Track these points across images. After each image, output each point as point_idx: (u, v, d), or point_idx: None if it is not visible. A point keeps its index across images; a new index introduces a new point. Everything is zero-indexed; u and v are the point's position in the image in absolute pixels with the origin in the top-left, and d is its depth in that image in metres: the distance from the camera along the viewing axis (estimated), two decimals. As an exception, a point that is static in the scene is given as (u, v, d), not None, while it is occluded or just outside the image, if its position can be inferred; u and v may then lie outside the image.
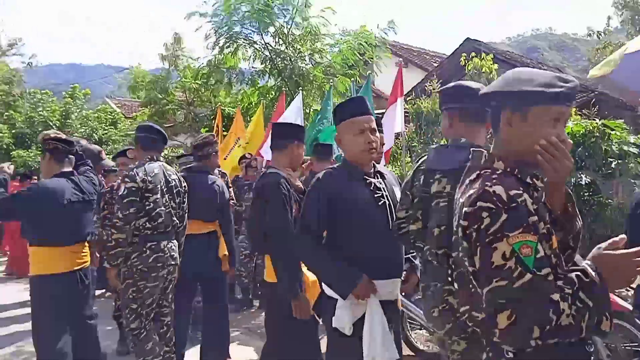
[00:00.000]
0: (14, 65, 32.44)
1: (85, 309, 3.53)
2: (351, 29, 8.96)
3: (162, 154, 3.79)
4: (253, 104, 9.98)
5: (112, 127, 16.65)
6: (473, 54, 7.98)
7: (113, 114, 18.00)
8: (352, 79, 6.89)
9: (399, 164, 7.05)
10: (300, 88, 7.28)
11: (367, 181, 2.42)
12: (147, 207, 3.35)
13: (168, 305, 3.58)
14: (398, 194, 2.48)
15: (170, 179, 3.55)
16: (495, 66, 7.69)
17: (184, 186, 3.70)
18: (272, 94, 9.00)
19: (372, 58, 9.29)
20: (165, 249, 3.43)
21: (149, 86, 11.11)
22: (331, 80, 7.35)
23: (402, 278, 2.48)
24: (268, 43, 8.39)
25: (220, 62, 8.81)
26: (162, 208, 3.41)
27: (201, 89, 10.94)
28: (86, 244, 3.52)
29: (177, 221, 3.59)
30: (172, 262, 3.49)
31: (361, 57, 8.62)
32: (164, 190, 3.47)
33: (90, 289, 3.60)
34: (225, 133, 8.37)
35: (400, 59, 17.13)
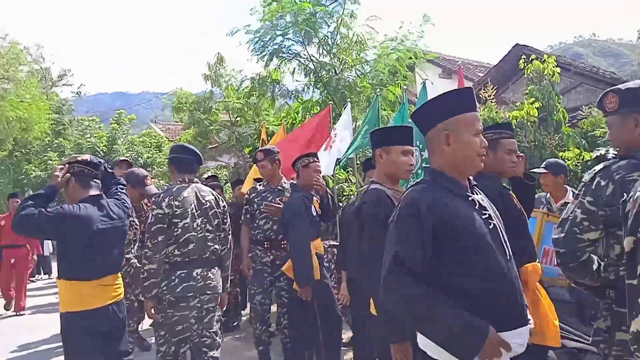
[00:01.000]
0: (64, 94, 33.70)
1: (120, 345, 3.18)
2: (393, 35, 8.52)
3: (208, 174, 3.53)
4: (297, 120, 9.69)
5: (157, 150, 16.78)
6: (533, 56, 7.45)
7: (157, 138, 18.22)
8: (405, 87, 6.47)
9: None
10: (348, 100, 6.89)
11: (470, 199, 1.86)
12: (176, 234, 3.22)
13: (210, 336, 3.34)
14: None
15: (204, 201, 3.38)
16: (558, 69, 7.12)
17: (223, 206, 3.54)
18: (317, 109, 8.68)
19: (412, 69, 8.85)
20: (199, 276, 3.26)
21: (192, 107, 11.01)
22: (378, 90, 6.94)
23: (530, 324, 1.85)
24: (312, 55, 8.09)
25: (264, 78, 8.56)
26: (193, 233, 3.26)
27: (244, 108, 10.76)
28: (119, 275, 3.20)
29: (216, 246, 3.39)
30: (209, 292, 3.30)
31: (406, 65, 8.18)
32: (196, 214, 3.30)
33: (125, 323, 3.26)
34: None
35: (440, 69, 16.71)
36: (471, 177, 1.96)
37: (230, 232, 3.60)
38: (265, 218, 4.30)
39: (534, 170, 4.58)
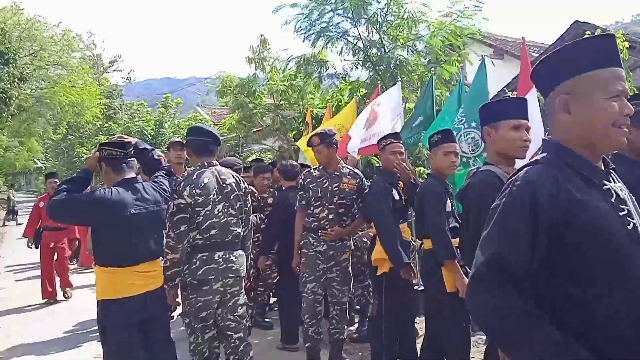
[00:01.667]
0: (114, 80, 34.67)
1: (160, 334, 2.98)
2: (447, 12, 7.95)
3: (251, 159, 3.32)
4: (343, 102, 9.36)
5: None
6: (599, 30, 6.83)
7: (204, 121, 18.31)
8: (461, 64, 6.01)
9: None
10: (399, 79, 6.49)
11: (606, 187, 1.36)
12: (197, 221, 3.13)
13: (235, 319, 3.22)
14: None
15: (225, 184, 3.27)
16: (627, 44, 6.47)
17: (244, 187, 3.43)
18: (362, 91, 8.31)
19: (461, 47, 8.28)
20: (220, 259, 3.16)
21: (236, 90, 10.84)
22: (433, 69, 6.50)
23: None
24: (361, 33, 7.71)
25: (309, 59, 8.26)
26: (215, 220, 3.17)
27: (288, 91, 10.51)
28: (158, 261, 2.98)
29: (239, 230, 3.30)
30: (231, 275, 3.20)
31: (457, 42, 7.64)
32: (217, 199, 3.20)
33: (166, 311, 3.06)
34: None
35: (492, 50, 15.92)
36: (607, 159, 1.45)
37: (250, 213, 3.55)
38: (321, 206, 3.97)
39: None
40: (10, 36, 17.64)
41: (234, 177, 3.39)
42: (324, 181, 4.00)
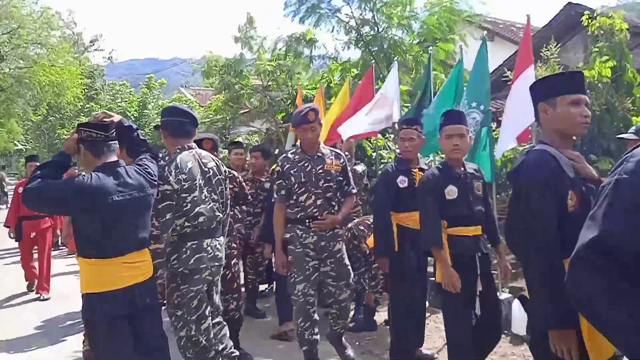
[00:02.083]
0: (96, 60, 33.82)
1: (151, 329, 2.77)
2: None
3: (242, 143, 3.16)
4: (333, 83, 9.14)
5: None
6: (598, 11, 6.68)
7: (188, 103, 17.95)
8: (460, 43, 5.80)
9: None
10: (395, 59, 6.27)
11: None
12: (185, 208, 3.03)
13: (213, 309, 3.24)
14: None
15: (206, 168, 3.19)
16: (626, 25, 6.33)
17: (225, 171, 3.40)
18: (353, 72, 8.09)
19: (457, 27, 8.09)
20: (209, 247, 3.11)
21: (222, 70, 10.52)
22: (430, 48, 6.29)
23: None
24: (354, 11, 7.46)
25: (299, 37, 8.00)
26: (203, 205, 3.09)
27: (277, 71, 10.23)
28: (146, 251, 2.76)
29: (221, 215, 3.26)
30: (216, 263, 3.17)
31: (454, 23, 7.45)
32: (202, 184, 3.12)
33: (157, 304, 2.84)
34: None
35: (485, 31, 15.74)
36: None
37: (229, 198, 3.48)
38: (307, 192, 3.53)
39: (622, 135, 3.98)
40: (-14, 13, 16.97)
41: (213, 160, 3.32)
42: (306, 164, 3.54)
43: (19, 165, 37.27)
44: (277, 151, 11.80)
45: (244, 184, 4.30)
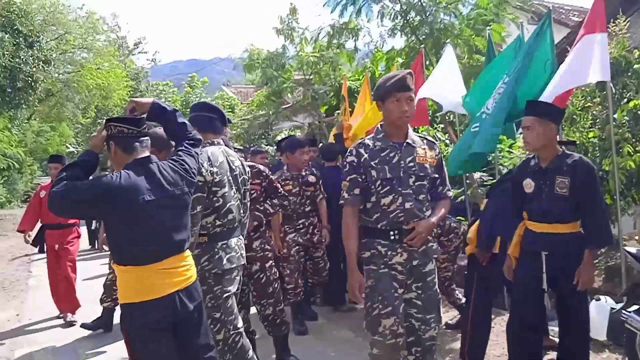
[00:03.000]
0: (140, 62, 34.52)
1: (197, 338, 2.54)
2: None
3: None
4: (377, 75, 8.76)
5: (230, 111, 16.55)
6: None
7: (230, 100, 17.97)
8: (520, 21, 5.32)
9: (578, 129, 5.38)
10: (448, 42, 5.83)
11: None
12: (217, 204, 2.93)
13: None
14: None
15: (234, 166, 3.10)
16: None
17: (248, 172, 3.29)
18: (401, 59, 7.67)
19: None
20: (236, 246, 3.04)
21: (264, 64, 10.29)
22: (488, 29, 5.84)
23: None
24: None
25: (342, 27, 7.66)
26: (232, 202, 3.02)
27: (319, 63, 9.91)
28: (186, 254, 2.53)
29: (243, 214, 3.17)
30: (242, 262, 3.10)
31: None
32: (231, 180, 3.04)
33: (202, 312, 2.60)
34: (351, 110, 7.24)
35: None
36: None
37: (249, 201, 3.33)
38: (393, 193, 2.68)
39: None
40: (34, 19, 17.46)
41: (239, 159, 3.25)
42: (392, 155, 2.67)
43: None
44: (320, 145, 11.55)
45: (271, 176, 4.03)
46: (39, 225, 5.75)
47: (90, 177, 2.46)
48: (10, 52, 14.72)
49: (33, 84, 16.29)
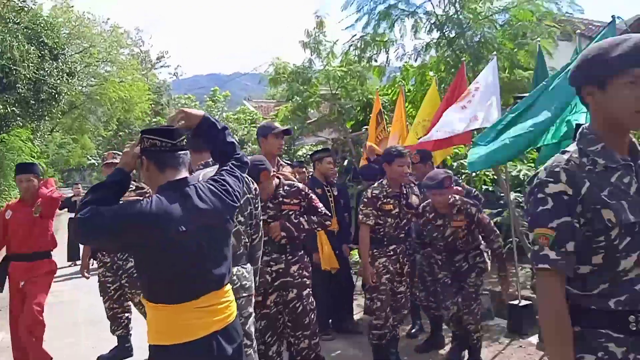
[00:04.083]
0: (162, 76, 34.85)
1: None
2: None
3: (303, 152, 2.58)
4: (406, 89, 8.46)
5: (252, 125, 16.39)
6: None
7: (252, 114, 17.84)
8: (578, 30, 4.97)
9: None
10: (495, 54, 5.51)
11: None
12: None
13: (250, 345, 2.76)
14: None
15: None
16: None
17: (255, 189, 2.96)
18: (432, 73, 7.36)
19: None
20: (234, 277, 2.69)
21: (290, 78, 10.06)
22: (537, 38, 5.52)
23: None
24: (435, 8, 6.77)
25: (373, 39, 7.40)
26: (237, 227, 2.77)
27: (347, 77, 9.65)
28: (227, 289, 2.18)
29: (247, 239, 2.88)
30: (244, 294, 2.76)
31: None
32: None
33: (241, 356, 2.24)
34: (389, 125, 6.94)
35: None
36: None
37: (260, 219, 3.04)
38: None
39: None
40: (59, 32, 17.60)
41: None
42: (627, 180, 1.37)
43: (92, 179, 38.83)
44: (345, 162, 11.25)
45: (312, 195, 3.66)
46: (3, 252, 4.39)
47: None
48: (35, 64, 14.76)
49: (57, 96, 16.34)
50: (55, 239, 4.52)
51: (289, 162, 5.55)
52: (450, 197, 3.85)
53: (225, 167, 2.26)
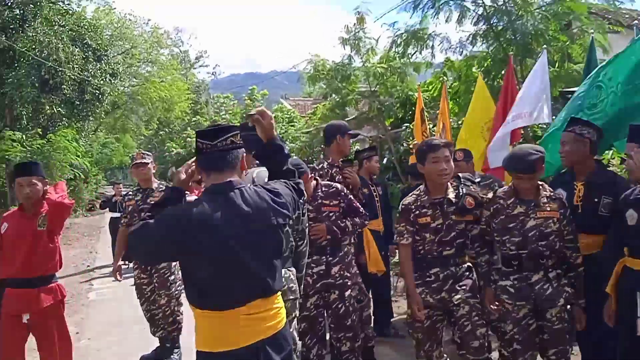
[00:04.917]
0: (200, 76, 35.36)
1: None
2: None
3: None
4: (450, 85, 8.20)
5: (290, 124, 16.38)
6: None
7: (289, 113, 17.86)
8: (635, 21, 4.67)
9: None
10: (544, 47, 5.20)
11: None
12: None
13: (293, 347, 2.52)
14: None
15: None
16: None
17: (302, 192, 2.56)
18: (483, 65, 7.04)
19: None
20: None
21: (329, 75, 9.92)
22: (590, 30, 5.22)
23: None
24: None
25: (418, 32, 7.18)
26: None
27: (387, 73, 9.44)
28: (277, 296, 2.09)
29: (293, 242, 2.84)
30: (291, 297, 2.73)
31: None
32: None
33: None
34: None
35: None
36: None
37: (307, 225, 3.02)
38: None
39: None
40: (102, 34, 18.03)
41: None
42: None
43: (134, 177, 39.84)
44: (385, 160, 11.05)
45: (351, 197, 3.56)
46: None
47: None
48: (80, 65, 15.15)
49: (100, 96, 16.75)
50: (62, 260, 3.53)
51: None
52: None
53: (282, 179, 2.21)
